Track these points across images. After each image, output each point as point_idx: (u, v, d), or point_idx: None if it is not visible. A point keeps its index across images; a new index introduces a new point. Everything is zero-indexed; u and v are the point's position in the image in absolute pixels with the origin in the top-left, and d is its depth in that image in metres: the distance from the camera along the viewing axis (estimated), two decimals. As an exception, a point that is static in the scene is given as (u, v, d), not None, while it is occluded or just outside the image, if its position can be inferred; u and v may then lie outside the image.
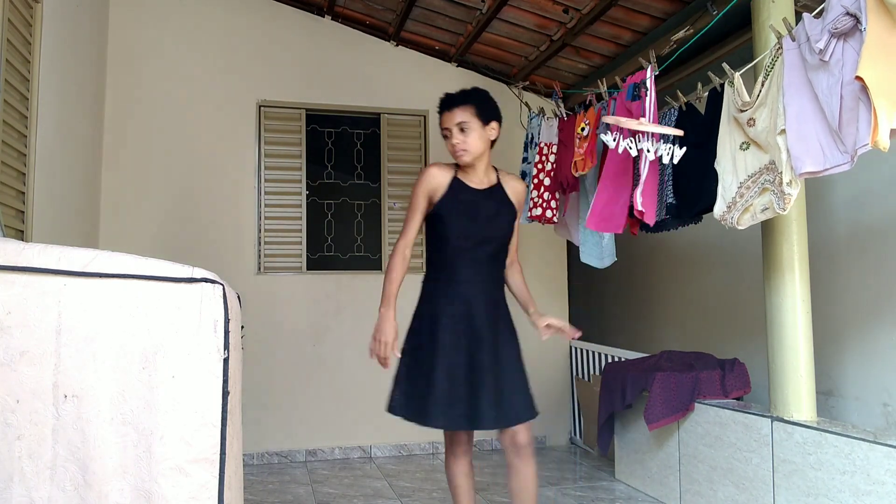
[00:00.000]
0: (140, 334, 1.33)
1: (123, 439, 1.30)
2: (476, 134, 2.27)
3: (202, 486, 1.32)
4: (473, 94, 2.30)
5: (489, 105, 2.30)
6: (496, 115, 2.32)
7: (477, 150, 2.29)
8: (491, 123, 2.31)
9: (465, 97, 2.29)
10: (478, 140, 2.28)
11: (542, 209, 3.58)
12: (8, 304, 1.30)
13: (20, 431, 1.29)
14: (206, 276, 1.39)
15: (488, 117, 2.29)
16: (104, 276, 1.34)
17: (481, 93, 2.32)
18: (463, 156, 2.29)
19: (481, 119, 2.28)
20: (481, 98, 2.30)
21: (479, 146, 2.29)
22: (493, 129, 2.32)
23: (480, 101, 2.29)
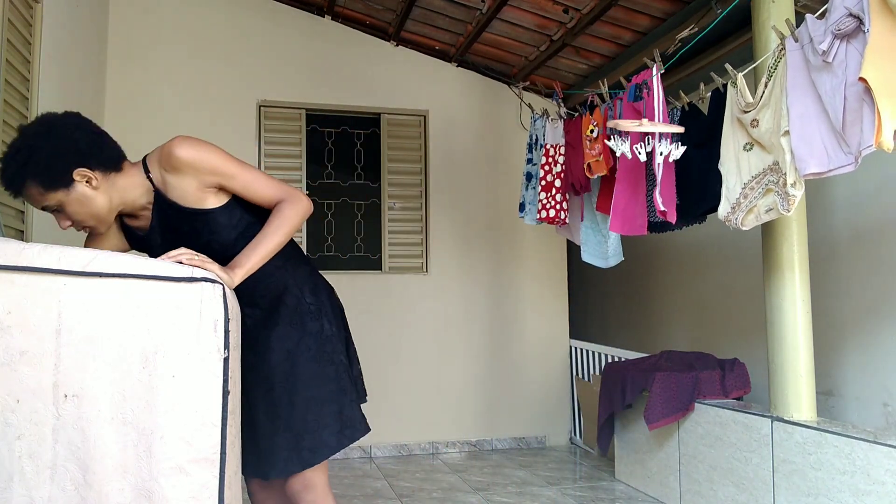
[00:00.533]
0: (140, 334, 1.33)
1: (123, 439, 1.30)
2: (76, 205, 1.57)
3: (202, 485, 1.32)
4: (22, 164, 1.49)
5: (49, 161, 1.50)
6: (68, 161, 1.52)
7: (98, 215, 1.61)
8: (74, 176, 1.54)
9: (16, 176, 1.51)
10: (83, 209, 1.58)
11: (556, 211, 3.56)
12: (8, 304, 1.30)
13: (20, 431, 1.29)
14: (205, 275, 1.39)
15: (62, 175, 1.52)
16: (104, 275, 1.34)
17: (28, 152, 1.49)
18: (95, 230, 1.66)
19: (59, 187, 1.53)
20: (34, 163, 1.49)
21: (95, 210, 1.59)
22: (85, 176, 1.55)
23: (37, 169, 1.50)
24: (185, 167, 1.60)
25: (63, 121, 1.57)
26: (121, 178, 1.63)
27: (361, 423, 1.73)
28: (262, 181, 1.66)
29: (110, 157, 1.62)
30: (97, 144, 1.59)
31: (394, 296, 4.63)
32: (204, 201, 1.65)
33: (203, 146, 1.61)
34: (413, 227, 4.73)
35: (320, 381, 1.69)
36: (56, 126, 1.54)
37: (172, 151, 1.59)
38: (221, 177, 1.62)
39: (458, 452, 4.63)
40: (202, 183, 1.62)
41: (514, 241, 4.88)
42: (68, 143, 1.53)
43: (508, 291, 4.86)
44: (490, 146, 4.88)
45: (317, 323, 1.73)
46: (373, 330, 4.53)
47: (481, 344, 4.77)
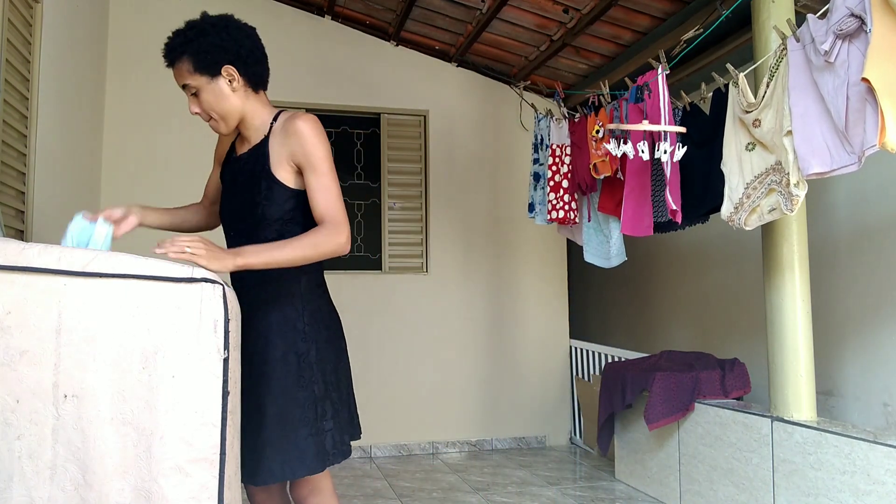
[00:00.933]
0: (140, 334, 1.33)
1: (123, 439, 1.30)
2: (210, 95, 1.69)
3: (202, 486, 1.32)
4: (185, 41, 1.66)
5: (209, 47, 1.65)
6: (224, 55, 1.67)
7: (224, 114, 1.72)
8: (222, 71, 1.68)
9: (177, 49, 1.67)
10: (216, 101, 1.70)
11: (566, 212, 3.56)
12: (8, 304, 1.30)
13: (20, 431, 1.29)
14: (206, 275, 1.39)
15: (213, 64, 1.66)
16: (104, 276, 1.34)
17: (198, 32, 1.66)
18: (215, 127, 1.76)
19: (205, 73, 1.67)
20: (197, 43, 1.65)
21: (224, 107, 1.71)
22: (230, 75, 1.69)
23: (197, 49, 1.65)
24: (296, 135, 1.66)
25: (240, 24, 1.74)
26: (255, 100, 1.77)
27: (313, 461, 1.65)
28: (332, 194, 1.66)
29: (259, 75, 1.76)
30: (255, 58, 1.74)
31: (394, 296, 4.63)
32: (281, 170, 1.69)
33: (322, 135, 1.69)
34: (413, 227, 4.73)
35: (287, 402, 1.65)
36: (232, 25, 1.71)
37: (298, 117, 1.68)
38: (309, 163, 1.66)
39: (458, 452, 4.63)
40: (291, 155, 1.67)
41: (514, 241, 4.88)
42: (232, 42, 1.68)
43: (508, 291, 4.86)
44: (490, 146, 4.88)
45: (304, 345, 1.69)
46: (373, 330, 4.53)
47: (481, 344, 4.77)
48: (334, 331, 1.79)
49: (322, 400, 1.69)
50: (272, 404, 1.63)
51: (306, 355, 1.68)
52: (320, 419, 1.68)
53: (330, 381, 1.72)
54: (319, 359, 1.70)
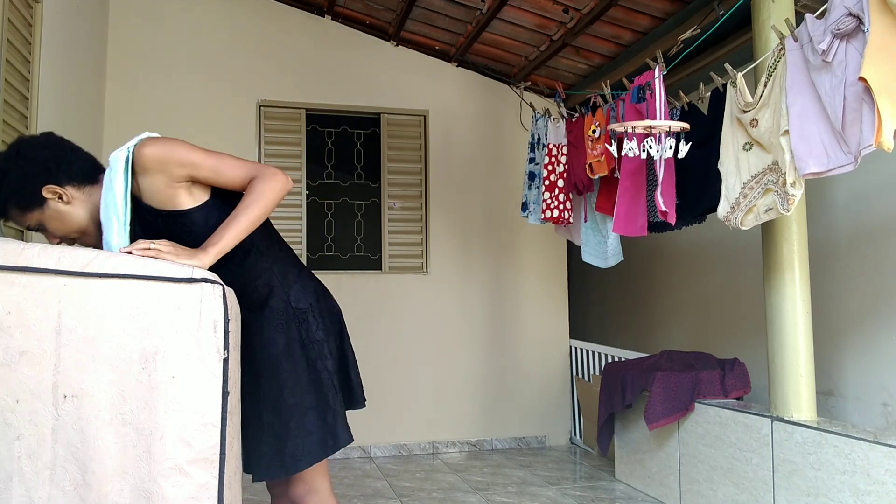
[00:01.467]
0: (140, 334, 1.33)
1: (123, 439, 1.30)
2: (54, 221, 1.62)
3: (202, 486, 1.32)
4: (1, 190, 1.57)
5: (18, 184, 1.56)
6: (36, 181, 1.57)
7: (80, 228, 1.64)
8: (44, 194, 1.58)
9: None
10: (63, 223, 1.62)
11: (559, 211, 3.56)
12: (8, 304, 1.30)
13: (20, 431, 1.29)
14: (205, 276, 1.39)
15: (32, 196, 1.57)
16: (104, 276, 1.34)
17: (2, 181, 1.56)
18: (86, 244, 1.67)
19: (34, 208, 1.59)
20: (5, 188, 1.56)
21: (74, 223, 1.63)
22: (55, 193, 1.59)
23: (9, 193, 1.57)
24: (153, 164, 1.57)
25: (31, 141, 1.62)
26: (98, 190, 1.64)
27: (344, 433, 1.69)
28: (230, 163, 1.62)
29: (81, 170, 1.64)
30: (65, 160, 1.62)
31: (394, 296, 4.63)
32: (176, 199, 1.61)
33: (166, 141, 1.60)
34: (413, 227, 4.73)
35: (303, 389, 1.66)
36: (23, 148, 1.59)
37: (138, 153, 1.57)
38: (189, 167, 1.59)
39: (458, 452, 4.63)
40: (171, 178, 1.59)
41: (514, 241, 4.88)
42: (34, 164, 1.58)
43: (508, 291, 4.86)
44: (490, 146, 4.88)
45: (303, 327, 1.70)
46: (373, 330, 4.53)
47: (481, 344, 4.77)
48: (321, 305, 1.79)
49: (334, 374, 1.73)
50: (291, 396, 1.65)
51: (306, 336, 1.70)
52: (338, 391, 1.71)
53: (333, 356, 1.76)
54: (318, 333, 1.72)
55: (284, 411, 1.64)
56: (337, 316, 1.85)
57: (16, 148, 1.60)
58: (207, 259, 1.49)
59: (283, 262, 1.76)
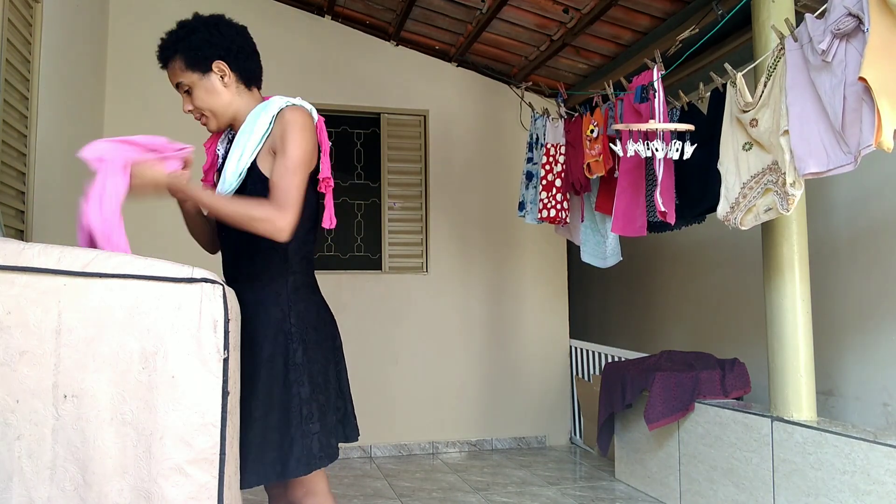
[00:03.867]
0: (140, 334, 1.33)
1: (123, 439, 1.30)
2: (202, 91, 1.73)
3: (202, 486, 1.32)
4: (177, 40, 1.72)
5: (199, 43, 1.70)
6: (214, 50, 1.72)
7: (215, 109, 1.75)
8: (212, 66, 1.72)
9: (169, 48, 1.74)
10: (207, 97, 1.73)
11: (556, 210, 3.56)
12: (8, 304, 1.30)
13: (20, 431, 1.29)
14: (205, 276, 1.39)
15: (203, 60, 1.71)
16: (104, 276, 1.34)
17: (189, 31, 1.72)
18: (206, 124, 1.79)
19: (196, 69, 1.72)
20: (187, 41, 1.71)
21: (215, 103, 1.74)
22: (221, 70, 1.73)
23: (187, 46, 1.71)
24: (281, 123, 1.66)
25: (230, 22, 1.78)
26: (248, 97, 1.77)
27: (297, 466, 1.61)
28: (289, 178, 1.62)
29: (250, 70, 1.78)
30: (246, 53, 1.77)
31: (394, 296, 4.63)
32: (264, 160, 1.68)
33: (306, 129, 1.67)
34: (413, 227, 4.73)
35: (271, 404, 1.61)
36: (222, 22, 1.76)
37: (290, 108, 1.69)
38: (282, 147, 1.64)
39: (458, 452, 4.63)
40: (272, 143, 1.67)
41: (514, 240, 4.88)
42: (222, 38, 1.72)
43: (508, 291, 4.86)
44: (490, 146, 4.88)
45: (291, 346, 1.66)
46: (373, 330, 4.53)
47: (481, 344, 4.77)
48: (323, 332, 1.76)
49: (308, 402, 1.65)
50: (257, 407, 1.60)
51: (293, 357, 1.66)
52: (306, 422, 1.64)
53: (317, 384, 1.69)
54: (307, 360, 1.67)
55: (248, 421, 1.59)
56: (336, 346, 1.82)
57: (216, 18, 1.75)
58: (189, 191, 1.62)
59: (299, 276, 1.75)
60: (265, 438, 1.60)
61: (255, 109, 1.73)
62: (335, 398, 1.76)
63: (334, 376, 1.77)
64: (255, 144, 1.69)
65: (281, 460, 1.61)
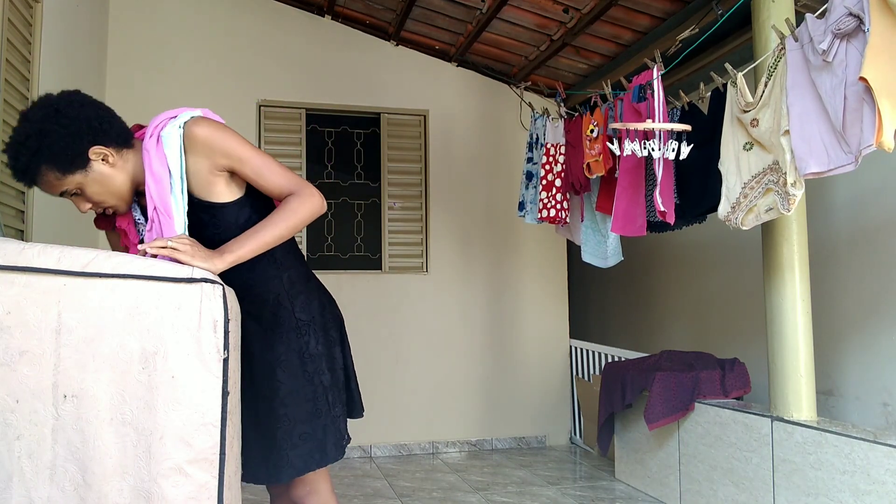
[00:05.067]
0: (140, 334, 1.33)
1: (123, 439, 1.30)
2: (95, 185, 1.53)
3: (202, 486, 1.32)
4: (34, 151, 1.45)
5: (62, 143, 1.46)
6: (81, 140, 1.48)
7: (118, 193, 1.57)
8: (90, 156, 1.51)
9: (30, 164, 1.46)
10: (104, 187, 1.54)
11: (556, 210, 3.56)
12: (8, 304, 1.30)
13: (20, 431, 1.29)
14: (205, 275, 1.39)
15: (78, 158, 1.48)
16: (104, 276, 1.34)
17: (40, 136, 1.45)
18: (116, 210, 1.62)
19: (76, 169, 1.49)
20: (49, 147, 1.45)
21: (114, 187, 1.55)
22: (100, 154, 1.52)
23: (52, 153, 1.45)
24: (200, 146, 1.53)
25: (68, 100, 1.51)
26: (133, 155, 1.59)
27: (333, 450, 1.66)
28: (275, 169, 1.57)
29: (121, 132, 1.58)
30: (107, 120, 1.56)
31: (394, 296, 4.63)
32: (213, 188, 1.57)
33: (220, 127, 1.57)
34: (413, 227, 4.73)
35: (296, 400, 1.63)
36: (62, 106, 1.48)
37: (190, 128, 1.53)
38: (234, 160, 1.55)
39: (458, 452, 4.63)
40: (214, 165, 1.55)
41: (514, 240, 4.88)
42: (79, 122, 1.49)
43: (508, 291, 4.86)
44: (490, 146, 4.88)
45: (303, 339, 1.66)
46: (373, 330, 4.53)
47: (481, 344, 4.77)
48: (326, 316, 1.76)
49: (331, 389, 1.69)
50: (280, 406, 1.63)
51: (306, 349, 1.67)
52: (332, 408, 1.68)
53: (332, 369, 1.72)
54: (319, 350, 1.69)
55: (273, 420, 1.62)
56: (340, 326, 1.83)
57: (52, 107, 1.47)
58: (221, 265, 1.45)
59: (292, 270, 1.74)
60: (295, 433, 1.61)
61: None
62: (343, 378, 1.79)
63: (339, 356, 1.79)
64: (179, 181, 1.53)
65: (319, 449, 1.64)
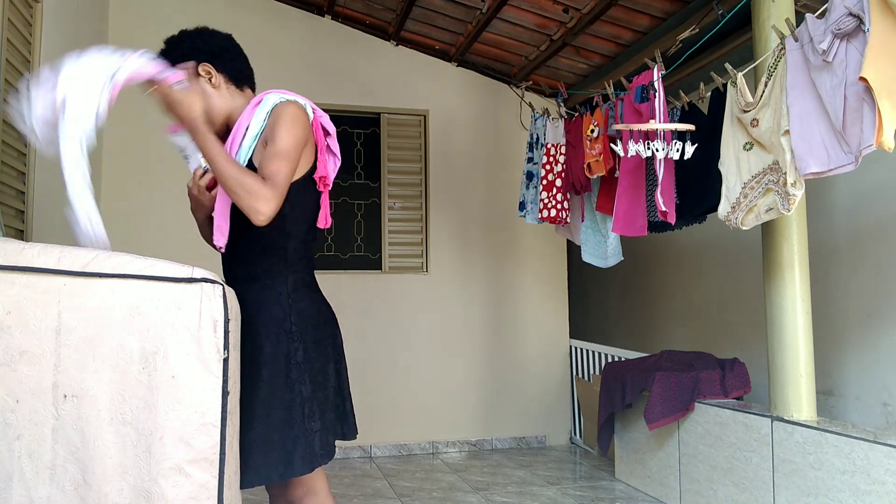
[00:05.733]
0: (140, 334, 1.33)
1: (123, 439, 1.30)
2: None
3: (202, 486, 1.32)
4: (164, 55, 1.77)
5: (183, 52, 1.76)
6: (198, 55, 1.76)
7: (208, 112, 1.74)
8: (199, 70, 1.76)
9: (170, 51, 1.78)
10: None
11: (557, 210, 3.56)
12: (8, 304, 1.30)
13: (20, 431, 1.29)
14: (205, 275, 1.39)
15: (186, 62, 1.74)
16: (104, 276, 1.34)
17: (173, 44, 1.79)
18: None
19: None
20: (173, 53, 1.76)
21: (208, 106, 1.74)
22: (207, 72, 1.76)
23: (173, 58, 1.75)
24: (273, 116, 1.67)
25: (213, 30, 1.82)
26: (239, 97, 1.79)
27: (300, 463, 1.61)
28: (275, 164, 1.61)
29: (238, 70, 1.80)
30: (231, 55, 1.79)
31: (394, 296, 4.63)
32: (258, 156, 1.67)
33: (296, 121, 1.68)
34: (413, 227, 4.73)
35: (273, 403, 1.60)
36: (204, 31, 1.80)
37: (280, 105, 1.69)
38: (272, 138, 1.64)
39: (458, 452, 4.63)
40: (265, 136, 1.68)
41: (514, 240, 4.88)
42: (204, 43, 1.76)
43: (508, 291, 4.86)
44: (490, 146, 4.88)
45: (293, 345, 1.65)
46: (373, 330, 4.53)
47: (481, 344, 4.77)
48: (324, 330, 1.76)
49: (310, 400, 1.65)
50: (259, 406, 1.60)
51: (294, 356, 1.65)
52: (307, 420, 1.64)
53: (317, 382, 1.69)
54: (307, 359, 1.67)
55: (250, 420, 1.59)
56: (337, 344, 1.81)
57: (197, 29, 1.80)
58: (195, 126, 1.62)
59: (300, 275, 1.74)
60: (267, 438, 1.59)
61: (248, 107, 1.74)
62: (334, 396, 1.76)
63: (334, 374, 1.77)
64: (249, 142, 1.69)
65: (285, 459, 1.60)
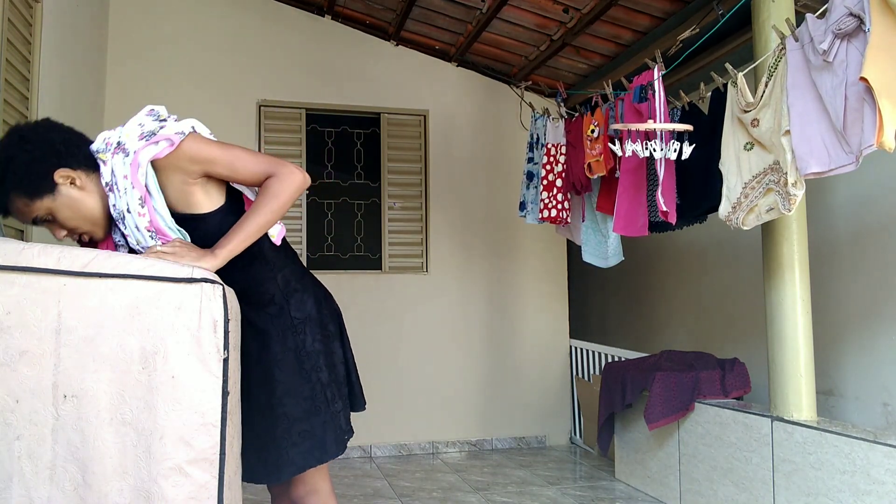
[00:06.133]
0: (140, 334, 1.33)
1: (123, 439, 1.30)
2: (65, 210, 1.51)
3: (202, 486, 1.32)
4: (2, 179, 1.46)
5: (27, 168, 1.45)
6: (46, 164, 1.47)
7: (91, 217, 1.55)
8: (57, 180, 1.49)
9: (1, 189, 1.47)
10: (75, 211, 1.52)
11: (557, 210, 3.56)
12: (8, 304, 1.30)
13: (20, 431, 1.29)
14: (205, 275, 1.39)
15: (43, 181, 1.47)
16: (104, 276, 1.34)
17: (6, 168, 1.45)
18: (93, 237, 1.59)
19: (44, 194, 1.48)
20: (14, 173, 1.45)
21: (86, 211, 1.53)
22: (67, 177, 1.50)
23: (17, 179, 1.45)
24: (166, 161, 1.52)
25: (34, 127, 1.52)
26: (98, 180, 1.56)
27: (333, 446, 1.65)
28: (246, 158, 1.56)
29: (90, 155, 1.54)
30: (74, 143, 1.53)
31: (394, 296, 4.63)
32: (192, 199, 1.56)
33: (194, 140, 1.57)
34: (413, 227, 4.73)
35: (294, 399, 1.63)
36: (27, 133, 1.49)
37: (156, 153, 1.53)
38: (203, 163, 1.54)
39: (458, 452, 4.63)
40: (187, 175, 1.54)
41: (514, 240, 4.88)
42: (43, 146, 1.48)
43: (508, 291, 4.86)
44: (490, 146, 4.88)
45: (299, 338, 1.66)
46: (373, 329, 4.53)
47: (481, 344, 4.77)
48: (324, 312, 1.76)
49: (329, 385, 1.69)
50: (279, 405, 1.63)
51: (303, 347, 1.67)
52: (331, 403, 1.68)
53: (330, 364, 1.72)
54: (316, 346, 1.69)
55: (272, 419, 1.62)
56: (338, 319, 1.83)
57: (17, 134, 1.48)
58: (216, 262, 1.47)
59: (286, 268, 1.73)
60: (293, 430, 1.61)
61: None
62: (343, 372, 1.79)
63: (339, 350, 1.79)
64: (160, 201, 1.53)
65: (319, 446, 1.64)
